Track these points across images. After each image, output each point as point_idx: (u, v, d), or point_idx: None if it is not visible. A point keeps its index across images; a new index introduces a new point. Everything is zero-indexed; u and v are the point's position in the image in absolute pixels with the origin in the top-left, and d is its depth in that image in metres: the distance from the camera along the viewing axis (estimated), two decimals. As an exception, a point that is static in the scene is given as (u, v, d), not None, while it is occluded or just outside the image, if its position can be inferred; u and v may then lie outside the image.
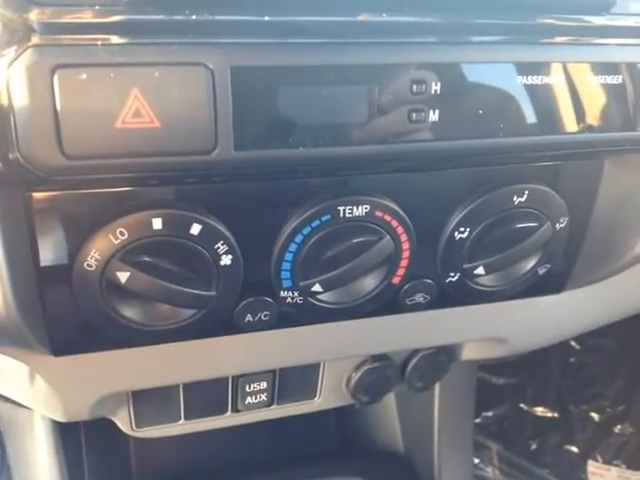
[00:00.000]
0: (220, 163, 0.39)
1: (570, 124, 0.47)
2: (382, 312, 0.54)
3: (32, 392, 0.58)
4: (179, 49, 0.37)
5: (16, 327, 0.44)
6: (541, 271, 0.55)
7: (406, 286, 0.52)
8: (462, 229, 0.50)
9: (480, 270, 0.53)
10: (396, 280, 0.52)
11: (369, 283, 0.51)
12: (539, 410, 1.46)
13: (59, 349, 0.47)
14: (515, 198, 0.50)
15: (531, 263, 0.54)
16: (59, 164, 0.37)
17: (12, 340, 0.46)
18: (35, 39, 0.35)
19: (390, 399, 0.93)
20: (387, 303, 0.53)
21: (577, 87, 0.47)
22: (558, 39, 0.46)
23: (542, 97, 0.46)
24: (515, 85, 0.45)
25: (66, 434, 0.72)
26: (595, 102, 0.48)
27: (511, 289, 0.55)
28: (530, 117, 0.46)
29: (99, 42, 0.36)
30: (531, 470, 1.39)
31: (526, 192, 0.50)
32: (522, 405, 1.46)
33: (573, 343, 1.48)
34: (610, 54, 0.47)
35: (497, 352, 0.69)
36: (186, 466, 0.92)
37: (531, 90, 0.45)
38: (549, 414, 1.46)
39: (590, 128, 0.48)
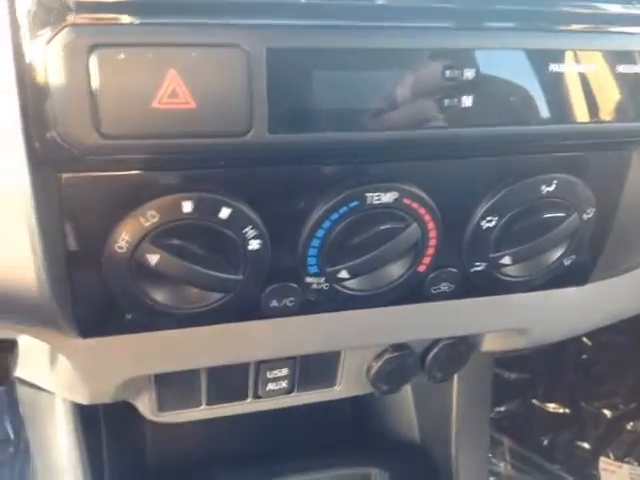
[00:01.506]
0: (254, 146, 0.39)
1: (600, 113, 0.47)
2: (407, 300, 0.54)
3: (56, 376, 0.59)
4: (216, 30, 0.37)
5: (48, 306, 0.44)
6: (566, 262, 0.55)
7: (431, 275, 0.52)
8: (489, 218, 0.50)
9: (506, 260, 0.52)
10: (422, 268, 0.51)
11: (395, 271, 0.51)
12: (551, 406, 1.46)
13: (86, 331, 0.47)
14: (543, 188, 0.50)
15: (557, 254, 0.54)
16: (95, 143, 0.37)
17: (42, 320, 0.46)
18: (71, 18, 0.35)
19: (406, 389, 0.93)
20: (412, 291, 0.52)
21: (608, 76, 0.46)
22: (592, 27, 0.45)
23: (575, 85, 0.45)
24: (548, 73, 0.44)
25: (86, 418, 0.73)
26: (627, 91, 0.47)
27: (536, 280, 0.55)
28: (561, 105, 0.45)
29: (137, 21, 0.36)
30: (543, 465, 1.39)
31: (554, 182, 0.50)
32: (534, 401, 1.46)
33: (585, 340, 1.47)
34: None
35: (518, 343, 0.68)
36: (199, 453, 0.93)
37: (565, 78, 0.45)
38: (561, 410, 1.46)
39: (619, 117, 0.48)
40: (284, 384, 0.67)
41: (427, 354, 0.69)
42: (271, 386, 0.66)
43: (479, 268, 0.53)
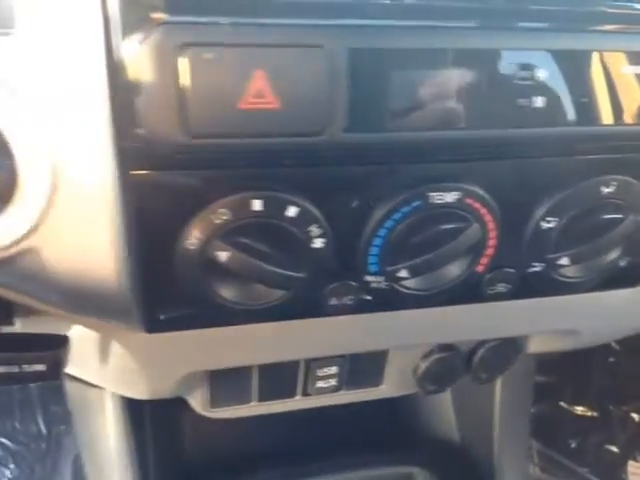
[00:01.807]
0: (332, 144, 0.40)
1: None
2: (463, 300, 0.54)
3: (108, 371, 0.59)
4: (300, 30, 0.38)
5: (123, 299, 0.44)
6: (622, 263, 0.55)
7: (489, 275, 0.52)
8: (549, 219, 0.50)
9: (564, 261, 0.52)
10: (480, 268, 0.52)
11: (454, 270, 0.51)
12: (579, 409, 1.45)
13: (153, 326, 0.48)
14: (603, 189, 0.50)
15: (613, 255, 0.54)
16: (184, 142, 0.37)
17: (114, 314, 0.47)
18: (162, 17, 0.36)
19: (446, 389, 0.93)
20: (469, 291, 0.53)
21: None
22: None
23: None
24: (616, 74, 0.45)
25: (133, 412, 0.74)
26: None
27: (591, 281, 0.55)
28: (628, 106, 0.46)
29: (225, 21, 0.36)
30: (571, 468, 1.38)
31: (614, 183, 0.50)
32: (562, 404, 1.45)
33: (613, 343, 1.46)
34: None
35: (565, 345, 0.68)
36: (238, 450, 0.93)
37: (632, 79, 0.45)
38: (589, 413, 1.45)
39: None
40: (333, 382, 0.67)
41: (473, 355, 0.69)
42: (320, 384, 0.67)
43: (537, 269, 0.53)
